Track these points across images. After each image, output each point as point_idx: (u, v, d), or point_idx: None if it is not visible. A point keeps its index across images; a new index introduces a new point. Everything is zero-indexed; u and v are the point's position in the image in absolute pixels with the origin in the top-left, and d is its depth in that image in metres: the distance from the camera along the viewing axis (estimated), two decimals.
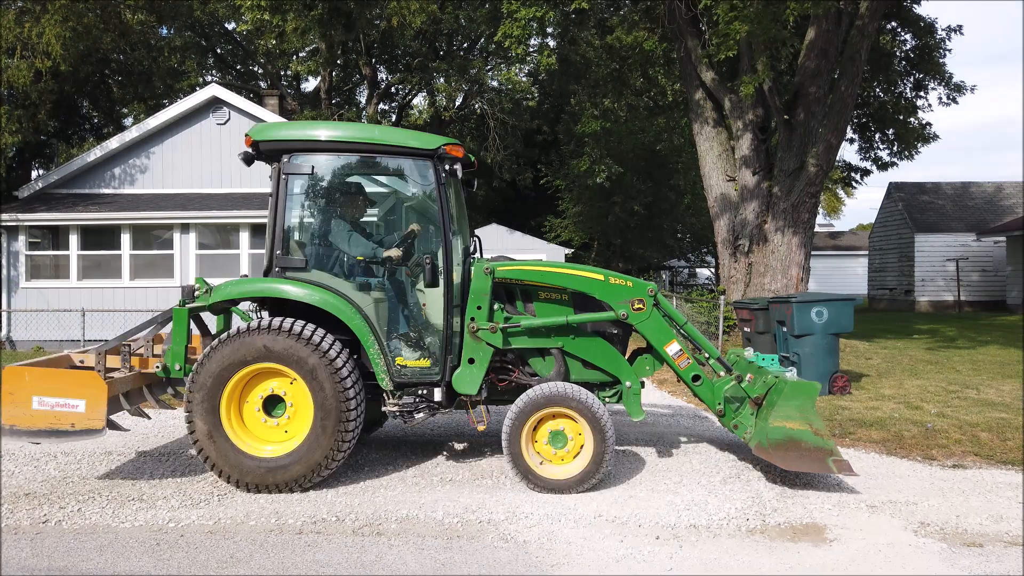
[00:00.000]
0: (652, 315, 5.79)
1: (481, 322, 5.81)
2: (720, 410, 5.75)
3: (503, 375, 6.05)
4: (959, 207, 29.74)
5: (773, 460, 5.45)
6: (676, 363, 5.77)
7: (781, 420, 5.43)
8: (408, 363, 5.78)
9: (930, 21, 17.31)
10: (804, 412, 5.40)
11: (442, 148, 5.73)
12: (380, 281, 5.96)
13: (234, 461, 5.44)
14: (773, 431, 5.43)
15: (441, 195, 5.75)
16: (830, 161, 14.99)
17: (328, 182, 6.05)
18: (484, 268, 5.85)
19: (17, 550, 4.49)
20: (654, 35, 17.34)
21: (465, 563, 4.29)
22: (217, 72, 32.24)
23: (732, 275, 15.15)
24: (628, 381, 5.90)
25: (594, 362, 6.00)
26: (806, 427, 5.40)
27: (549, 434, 5.54)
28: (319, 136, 5.95)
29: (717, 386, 5.79)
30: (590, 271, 5.97)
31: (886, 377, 11.03)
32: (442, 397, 5.81)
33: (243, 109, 16.86)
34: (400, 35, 25.26)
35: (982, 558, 4.37)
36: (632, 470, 6.10)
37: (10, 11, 17.87)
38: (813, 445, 5.38)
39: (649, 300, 5.77)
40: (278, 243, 5.79)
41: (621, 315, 5.78)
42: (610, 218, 27.55)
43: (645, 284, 5.83)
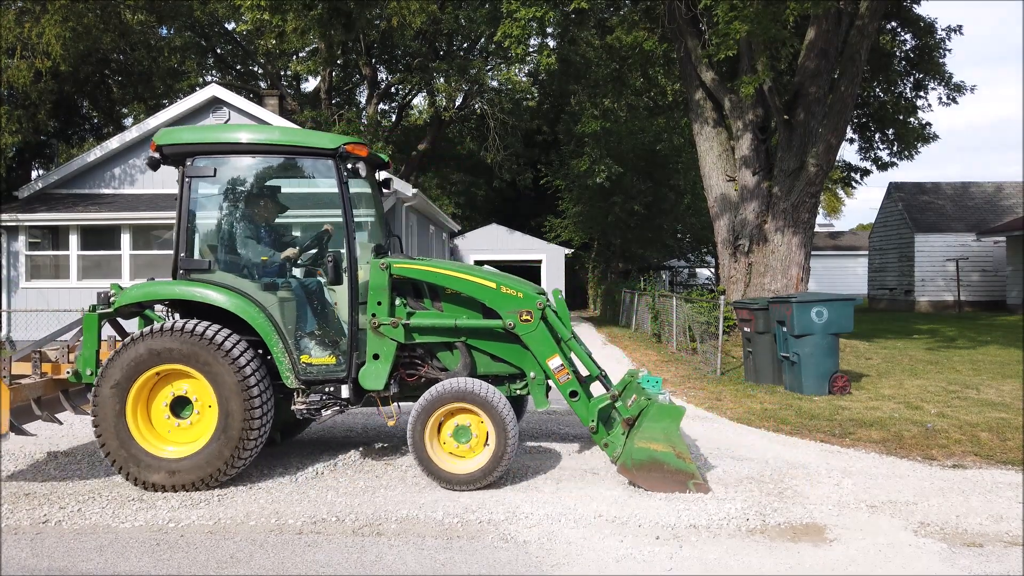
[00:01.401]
0: (538, 328, 5.79)
1: (382, 317, 5.86)
2: (593, 427, 5.76)
3: (412, 370, 6.11)
4: (959, 207, 29.74)
5: (636, 480, 5.49)
6: (556, 377, 5.79)
7: (646, 442, 5.45)
8: (314, 361, 5.84)
9: (930, 21, 17.31)
10: (668, 435, 5.43)
11: (343, 147, 5.80)
12: (286, 281, 6.02)
13: (141, 462, 5.50)
14: (638, 452, 5.46)
15: (343, 194, 5.81)
16: (830, 161, 14.99)
17: (231, 184, 6.12)
18: (380, 264, 5.90)
19: (17, 550, 4.50)
20: (654, 35, 17.34)
21: (465, 563, 4.29)
22: (217, 72, 32.24)
23: (732, 275, 15.15)
24: (532, 372, 5.92)
25: (500, 355, 6.04)
26: (669, 450, 5.42)
27: (454, 429, 5.59)
28: (219, 139, 6.03)
29: (592, 404, 5.81)
30: (484, 277, 5.97)
31: (886, 377, 11.03)
32: (350, 394, 5.87)
33: (243, 109, 16.86)
34: (400, 35, 25.25)
35: (982, 558, 4.37)
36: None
37: (10, 11, 17.87)
38: (675, 468, 5.41)
39: (537, 313, 5.78)
40: (182, 245, 5.87)
41: (508, 324, 5.80)
42: (610, 218, 27.57)
43: (535, 297, 5.83)
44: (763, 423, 8.02)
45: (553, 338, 5.83)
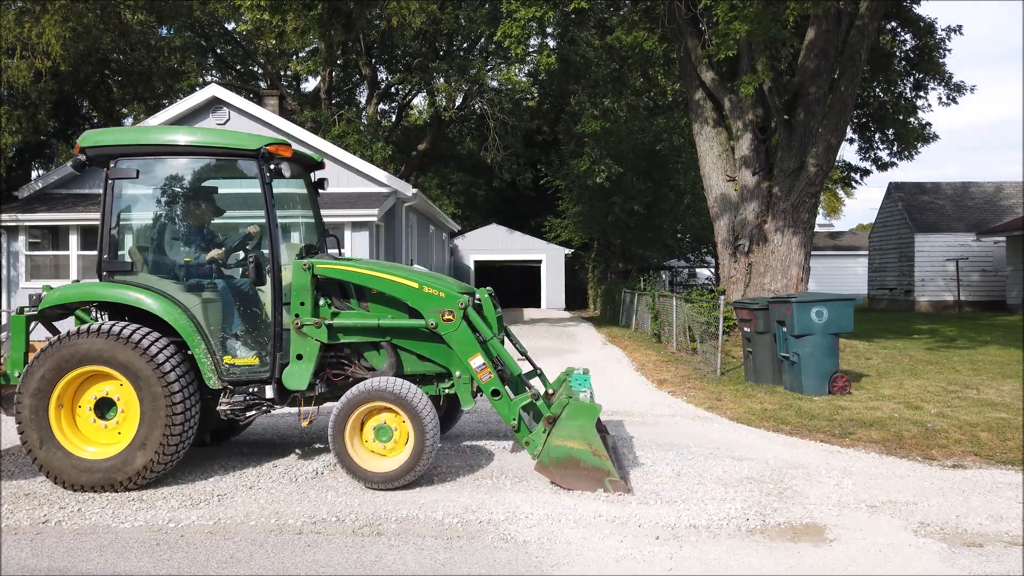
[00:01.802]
0: (460, 328, 5.80)
1: (305, 318, 5.88)
2: (515, 425, 5.77)
3: (339, 370, 6.13)
4: (959, 207, 29.74)
5: (552, 478, 5.50)
6: (478, 376, 5.79)
7: (563, 439, 5.47)
8: (237, 362, 5.87)
9: (930, 21, 17.31)
10: (584, 432, 5.44)
11: (264, 148, 5.83)
12: (211, 282, 6.04)
13: (64, 463, 5.52)
14: (555, 450, 5.47)
15: (265, 194, 5.83)
16: (830, 161, 14.99)
17: (155, 185, 6.14)
18: (303, 264, 5.91)
19: (17, 550, 4.50)
20: (654, 35, 17.34)
21: (465, 563, 4.29)
22: (217, 72, 32.25)
23: (732, 275, 15.15)
24: (459, 371, 5.93)
25: (426, 355, 6.07)
26: (586, 447, 5.43)
27: (375, 428, 5.62)
28: (140, 140, 6.05)
29: (514, 402, 5.82)
30: (406, 277, 5.98)
31: (886, 377, 11.03)
32: (274, 394, 5.89)
33: (243, 109, 16.86)
34: (400, 35, 25.25)
35: (982, 558, 4.37)
36: (631, 470, 6.09)
37: (10, 11, 17.87)
38: (591, 465, 5.42)
39: (459, 312, 5.80)
40: (105, 247, 5.89)
41: (430, 324, 5.81)
42: (610, 218, 27.57)
43: (457, 296, 5.83)
44: (763, 423, 8.02)
45: (476, 338, 5.84)
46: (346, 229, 15.61)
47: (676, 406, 9.16)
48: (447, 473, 6.04)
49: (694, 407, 9.04)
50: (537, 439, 5.65)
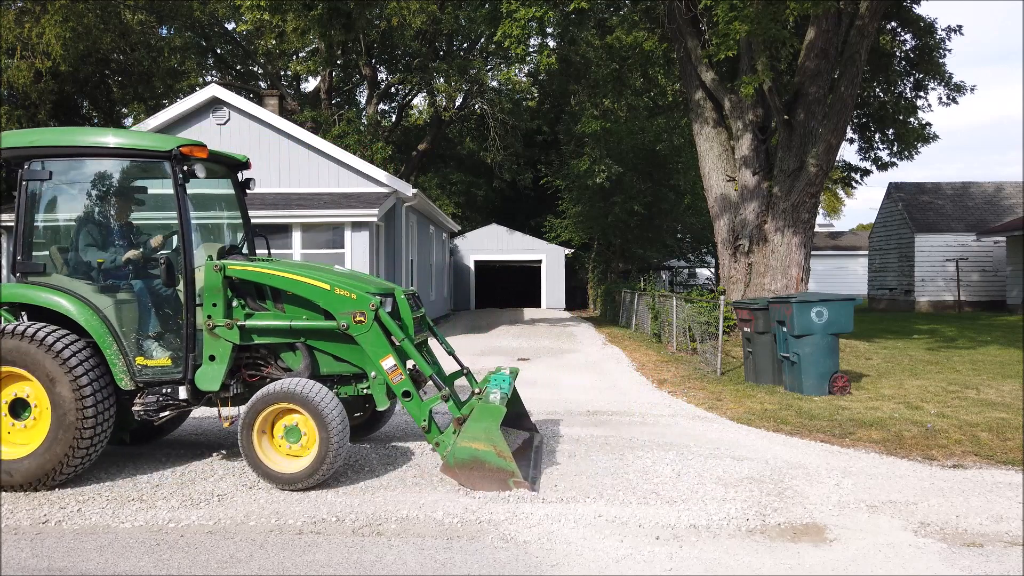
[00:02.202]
0: (372, 329, 5.82)
1: (217, 319, 5.89)
2: (425, 426, 5.79)
3: (255, 371, 6.15)
4: (959, 207, 29.75)
5: (458, 479, 5.51)
6: (390, 378, 5.81)
7: (468, 441, 5.48)
8: (149, 362, 5.89)
9: (930, 21, 17.32)
10: (489, 434, 5.45)
11: (177, 149, 5.85)
12: (128, 283, 6.06)
13: None
14: (460, 451, 5.49)
15: (178, 196, 5.86)
16: (830, 161, 14.99)
17: (68, 186, 6.17)
18: (214, 265, 5.93)
19: (17, 550, 4.50)
20: (654, 35, 17.36)
21: (465, 563, 4.29)
22: (217, 72, 32.27)
23: (732, 275, 15.16)
24: (373, 372, 5.93)
25: (342, 356, 6.08)
26: (491, 448, 5.44)
27: (284, 429, 5.64)
28: (55, 142, 6.07)
29: (424, 403, 5.84)
30: (318, 279, 5.98)
31: (886, 377, 11.03)
32: (187, 395, 5.92)
33: (243, 109, 16.87)
34: (400, 35, 25.28)
35: (982, 558, 4.37)
36: (631, 470, 6.10)
37: (10, 11, 17.88)
38: (496, 466, 5.43)
39: (370, 314, 5.81)
40: (18, 248, 5.92)
41: (342, 326, 5.82)
42: (610, 218, 27.58)
43: (368, 298, 5.84)
44: (763, 423, 8.02)
45: (388, 339, 5.85)
46: (346, 229, 15.62)
47: (676, 406, 9.16)
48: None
49: (694, 407, 9.04)
50: (448, 440, 5.68)
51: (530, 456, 6.36)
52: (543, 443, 6.94)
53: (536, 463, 6.19)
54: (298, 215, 15.53)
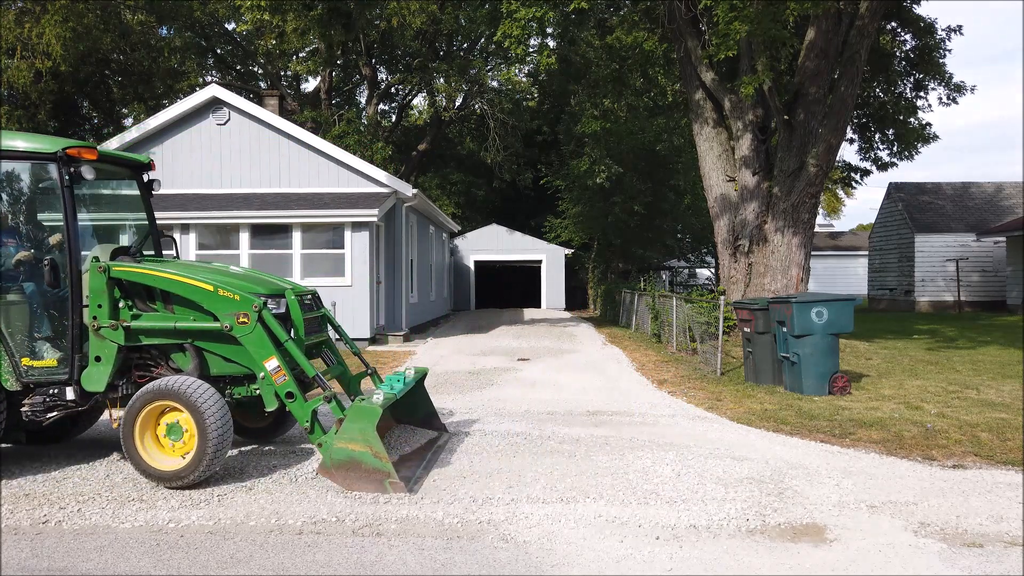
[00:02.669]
0: (255, 330, 5.85)
1: (102, 320, 5.92)
2: (308, 427, 5.81)
3: (144, 371, 6.19)
4: (959, 207, 29.75)
5: (335, 480, 5.53)
6: (273, 379, 5.83)
7: (344, 442, 5.50)
8: (35, 363, 5.91)
9: (930, 21, 17.31)
10: (365, 435, 5.47)
11: (63, 151, 5.87)
12: (16, 284, 6.06)
13: None
14: (337, 452, 5.51)
15: (64, 197, 5.86)
16: (830, 161, 14.99)
17: None
18: (98, 267, 5.95)
19: (17, 550, 4.50)
20: (654, 35, 17.35)
21: (465, 563, 4.29)
22: (217, 72, 32.26)
23: (732, 275, 15.16)
24: (261, 373, 5.96)
25: (230, 357, 6.11)
26: (367, 449, 5.46)
27: (166, 427, 5.68)
28: None
29: (308, 405, 5.86)
30: (202, 280, 6.00)
31: (886, 377, 11.03)
32: (75, 396, 5.94)
33: (243, 110, 16.87)
34: (400, 35, 25.27)
35: (982, 558, 4.37)
36: (631, 470, 6.10)
37: (10, 11, 17.88)
38: (372, 467, 5.45)
39: (254, 315, 5.84)
40: None
41: (225, 327, 5.86)
42: (610, 218, 27.57)
43: (251, 299, 5.87)
44: (763, 423, 8.02)
45: (272, 340, 5.87)
46: (346, 229, 15.62)
47: (676, 406, 9.16)
48: (446, 473, 6.03)
49: (694, 407, 9.04)
50: (330, 441, 5.71)
51: (426, 456, 6.39)
52: (448, 443, 6.96)
53: (430, 463, 6.21)
54: (298, 215, 15.53)
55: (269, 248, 15.83)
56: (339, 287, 15.47)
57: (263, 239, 15.83)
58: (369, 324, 15.70)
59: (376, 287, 16.63)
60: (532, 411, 8.69)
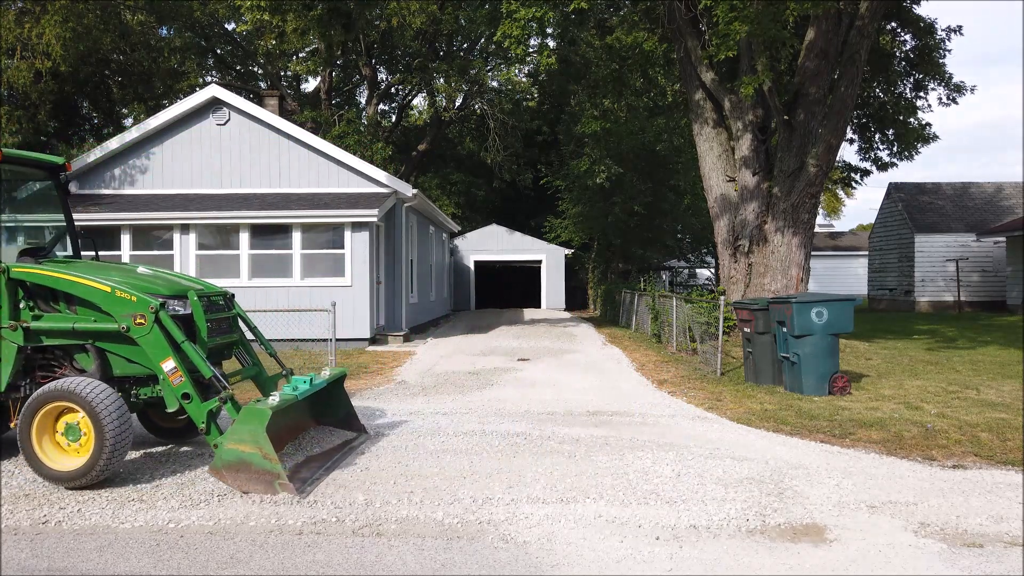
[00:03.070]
0: (152, 331, 5.88)
1: (2, 320, 5.96)
2: (203, 428, 5.84)
3: (47, 372, 6.22)
4: (959, 207, 29.76)
5: (226, 481, 5.56)
6: (170, 380, 5.86)
7: (234, 443, 5.53)
8: None
9: (930, 21, 17.32)
10: (255, 436, 5.50)
11: None
12: None
13: None
14: (227, 453, 5.54)
15: None
16: (830, 161, 14.99)
17: None
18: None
19: (17, 550, 4.50)
20: (654, 35, 17.35)
21: (465, 563, 4.29)
22: (217, 73, 32.25)
23: (732, 275, 15.15)
24: (161, 375, 5.98)
25: (132, 358, 6.14)
26: (256, 451, 5.48)
27: (66, 427, 5.70)
28: None
29: (203, 406, 5.88)
30: (99, 281, 6.02)
31: (886, 377, 11.03)
32: None
33: (243, 110, 16.86)
34: (400, 35, 25.28)
35: (982, 558, 4.37)
36: (631, 470, 6.10)
37: (10, 12, 17.89)
38: (262, 468, 5.48)
39: (150, 316, 5.87)
40: None
41: (122, 327, 5.89)
42: (610, 218, 27.58)
43: (148, 301, 5.91)
44: (763, 423, 8.02)
45: (169, 341, 5.90)
46: (346, 229, 15.62)
47: (676, 406, 9.16)
48: (446, 473, 6.03)
49: (694, 407, 9.04)
50: (222, 442, 5.73)
51: (334, 457, 6.40)
52: (364, 444, 6.96)
53: (334, 465, 6.20)
54: (298, 215, 15.53)
55: (269, 248, 15.83)
56: (339, 287, 15.47)
57: (263, 239, 15.82)
58: (369, 324, 15.70)
59: (376, 287, 16.63)
60: (532, 411, 8.69)
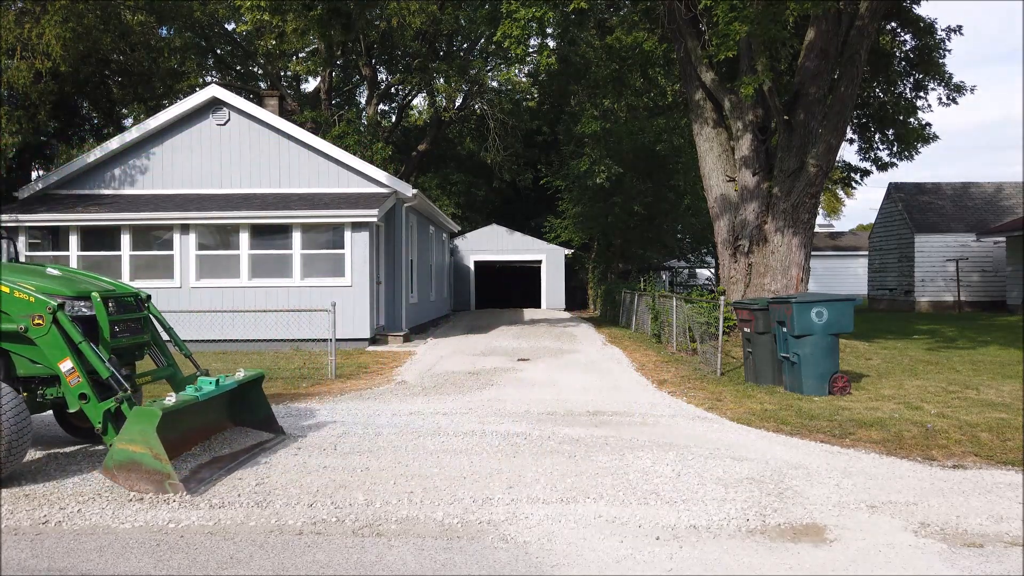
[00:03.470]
0: (50, 332, 5.90)
1: None
2: (100, 428, 5.87)
3: None
4: (959, 207, 29.76)
5: (117, 481, 5.58)
6: (67, 380, 5.88)
7: (125, 443, 5.56)
8: None
9: (930, 21, 17.33)
10: (145, 436, 5.52)
11: None
12: None
13: None
14: (118, 453, 5.56)
15: None
16: (830, 161, 14.99)
17: None
18: None
19: (17, 550, 4.50)
20: (654, 35, 17.37)
21: (465, 563, 4.29)
22: (217, 73, 32.24)
23: (732, 275, 15.16)
24: (60, 375, 5.99)
25: (35, 358, 6.14)
26: (146, 451, 5.51)
27: None
28: None
29: (100, 406, 5.90)
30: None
31: (886, 377, 11.03)
32: None
33: (243, 110, 16.86)
34: (400, 35, 25.27)
35: (982, 558, 4.37)
36: (631, 470, 6.10)
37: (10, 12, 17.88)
38: (152, 468, 5.50)
39: (48, 317, 5.89)
40: None
41: (20, 328, 5.91)
42: (610, 218, 27.58)
43: (46, 301, 5.93)
44: (763, 423, 8.02)
45: (68, 342, 5.91)
46: (346, 229, 15.62)
47: (676, 406, 9.16)
48: (446, 473, 6.04)
49: (694, 407, 9.04)
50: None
51: (240, 459, 6.40)
52: (277, 445, 6.95)
53: (238, 466, 6.20)
54: (298, 215, 15.53)
55: (269, 248, 15.84)
56: (339, 287, 15.47)
57: (263, 239, 15.83)
58: (369, 324, 15.70)
59: (376, 287, 16.63)
60: (532, 411, 8.69)
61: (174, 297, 15.39)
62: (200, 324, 14.28)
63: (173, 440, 5.88)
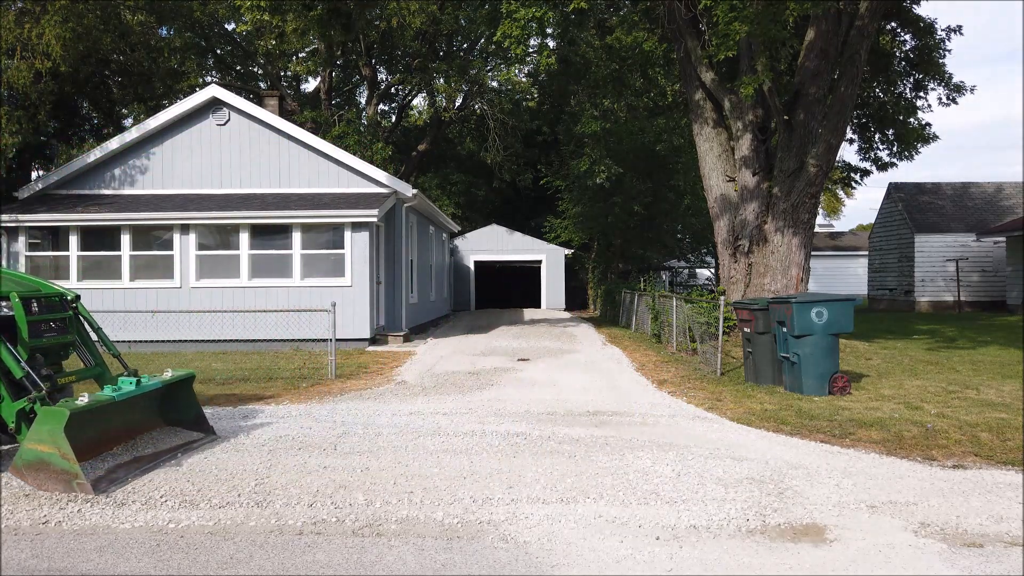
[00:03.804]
0: None
1: None
2: (14, 428, 5.88)
3: None
4: (959, 207, 29.77)
5: (26, 480, 5.60)
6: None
7: (34, 443, 5.58)
8: None
9: (930, 21, 17.33)
10: (53, 436, 5.53)
11: None
12: None
13: None
14: (27, 453, 5.58)
15: None
16: (830, 161, 14.99)
17: None
18: None
19: (17, 550, 4.50)
20: (654, 35, 17.37)
21: (465, 563, 4.29)
22: (217, 73, 32.24)
23: (732, 275, 15.16)
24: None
25: None
26: (54, 451, 5.52)
27: None
28: None
29: (14, 405, 5.91)
30: None
31: (886, 377, 11.03)
32: None
33: (243, 110, 16.86)
34: (400, 35, 25.27)
35: (982, 558, 4.37)
36: (631, 470, 6.10)
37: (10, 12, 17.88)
38: (60, 468, 5.52)
39: None
40: None
41: None
42: (610, 218, 27.58)
43: None
44: (763, 423, 8.02)
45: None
46: (346, 229, 15.62)
47: (676, 406, 9.16)
48: (446, 473, 6.03)
49: (694, 407, 9.04)
50: None
51: (162, 458, 6.39)
52: (205, 445, 6.95)
53: (152, 467, 6.18)
54: (298, 215, 15.53)
55: (269, 248, 15.84)
56: (339, 287, 15.47)
57: (263, 239, 15.83)
58: (369, 324, 15.70)
59: (376, 287, 16.63)
60: (532, 411, 8.69)
61: (174, 297, 15.39)
62: (200, 324, 14.29)
63: (89, 440, 5.87)
